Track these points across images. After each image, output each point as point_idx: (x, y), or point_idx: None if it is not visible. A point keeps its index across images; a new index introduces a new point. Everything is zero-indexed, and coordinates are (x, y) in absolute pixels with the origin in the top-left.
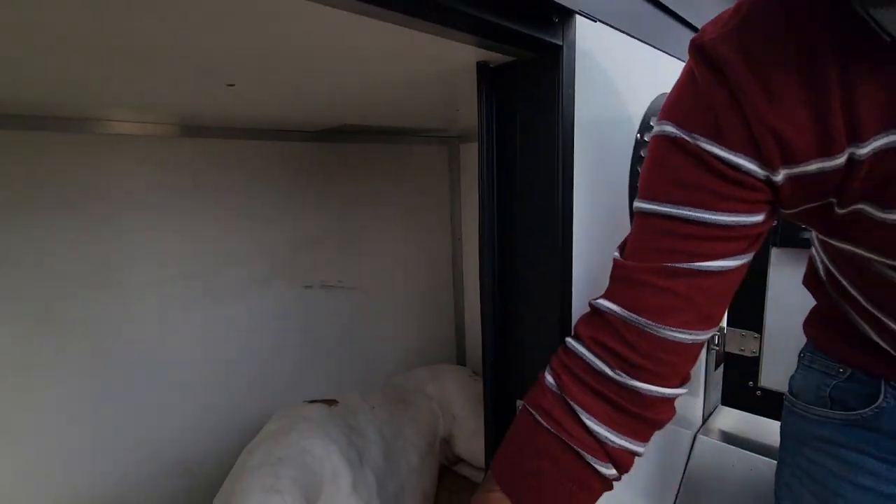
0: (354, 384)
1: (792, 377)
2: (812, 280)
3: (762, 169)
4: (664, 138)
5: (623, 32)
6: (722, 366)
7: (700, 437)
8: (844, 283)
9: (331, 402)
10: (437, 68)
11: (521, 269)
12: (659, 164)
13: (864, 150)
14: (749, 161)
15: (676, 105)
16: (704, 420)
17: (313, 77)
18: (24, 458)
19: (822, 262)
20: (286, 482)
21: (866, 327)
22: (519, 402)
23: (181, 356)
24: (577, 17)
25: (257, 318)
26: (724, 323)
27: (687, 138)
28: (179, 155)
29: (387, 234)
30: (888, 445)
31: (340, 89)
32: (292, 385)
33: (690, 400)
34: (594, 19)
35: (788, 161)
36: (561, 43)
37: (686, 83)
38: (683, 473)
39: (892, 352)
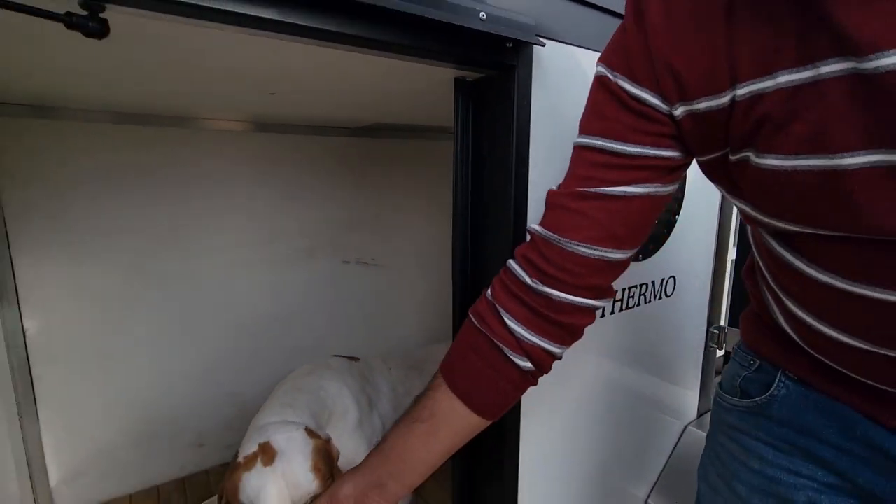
0: (379, 352)
1: (723, 369)
2: (748, 272)
3: (664, 104)
4: (596, 79)
5: (578, 46)
6: (723, 364)
7: (690, 428)
8: (760, 264)
9: (353, 359)
10: (427, 83)
11: (488, 252)
12: (590, 102)
13: (742, 93)
14: (652, 96)
15: (608, 49)
16: (700, 415)
17: (334, 87)
18: (118, 376)
19: (752, 248)
20: (300, 403)
21: (775, 309)
22: None
23: (240, 307)
24: (528, 40)
25: (302, 284)
26: (724, 322)
27: (609, 76)
28: (251, 146)
29: (417, 221)
30: (777, 432)
31: (360, 96)
32: (325, 343)
33: (683, 392)
34: (542, 43)
35: (683, 97)
36: (515, 63)
37: (619, 29)
38: (668, 459)
39: (793, 334)
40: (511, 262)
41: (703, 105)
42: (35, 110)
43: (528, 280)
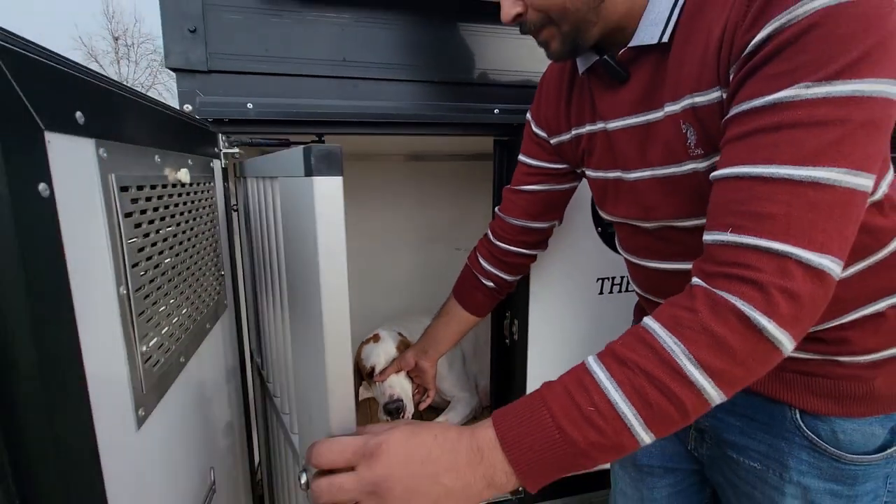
0: None
1: None
2: None
3: (548, 136)
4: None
5: None
6: None
7: None
8: None
9: None
10: (486, 139)
11: None
12: (524, 134)
13: (574, 133)
14: (542, 131)
15: (532, 103)
16: None
17: (436, 140)
18: None
19: None
20: (404, 325)
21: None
22: None
23: (392, 272)
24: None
25: (427, 262)
26: None
27: (529, 119)
28: (405, 169)
29: None
30: None
31: (455, 144)
32: (437, 301)
33: None
34: None
35: (553, 134)
36: (515, 136)
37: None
38: None
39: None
40: (488, 230)
41: (561, 138)
42: None
43: (491, 238)
